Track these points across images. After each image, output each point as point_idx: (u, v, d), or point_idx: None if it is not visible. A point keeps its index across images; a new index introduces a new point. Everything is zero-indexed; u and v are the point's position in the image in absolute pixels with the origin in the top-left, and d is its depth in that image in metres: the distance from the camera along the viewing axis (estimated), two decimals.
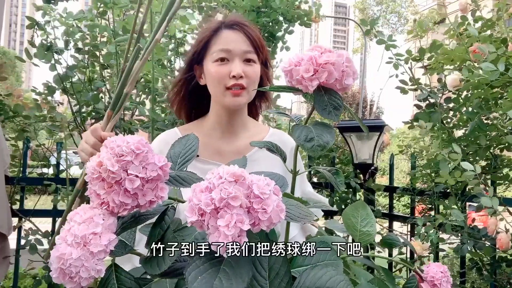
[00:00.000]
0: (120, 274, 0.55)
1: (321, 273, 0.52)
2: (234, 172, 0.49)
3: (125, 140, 0.53)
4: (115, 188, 0.52)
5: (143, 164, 0.53)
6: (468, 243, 1.69)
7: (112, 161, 0.51)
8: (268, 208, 0.47)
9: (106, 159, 0.52)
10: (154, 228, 0.57)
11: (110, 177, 0.51)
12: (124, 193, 0.52)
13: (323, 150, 0.61)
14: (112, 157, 0.52)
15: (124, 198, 0.52)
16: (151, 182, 0.53)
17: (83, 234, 0.51)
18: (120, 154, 0.52)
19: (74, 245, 0.51)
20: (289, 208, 0.56)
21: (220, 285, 0.46)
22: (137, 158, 0.52)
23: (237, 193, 0.47)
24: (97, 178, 0.52)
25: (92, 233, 0.51)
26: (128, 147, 0.52)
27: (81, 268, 0.50)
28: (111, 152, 0.52)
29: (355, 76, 0.64)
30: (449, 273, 0.68)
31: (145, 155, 0.53)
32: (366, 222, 0.71)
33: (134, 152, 0.52)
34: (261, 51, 1.07)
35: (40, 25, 2.03)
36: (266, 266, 0.52)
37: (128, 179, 0.51)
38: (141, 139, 0.54)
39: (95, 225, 0.52)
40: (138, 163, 0.52)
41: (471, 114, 1.67)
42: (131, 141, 0.53)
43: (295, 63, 0.63)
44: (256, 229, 0.48)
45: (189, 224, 0.48)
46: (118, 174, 0.51)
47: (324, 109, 0.62)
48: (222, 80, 1.02)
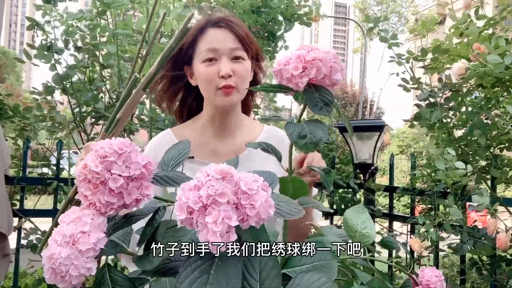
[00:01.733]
0: (114, 274, 0.56)
1: (313, 279, 0.53)
2: (222, 170, 0.50)
3: (109, 143, 0.55)
4: (100, 188, 0.54)
5: (126, 163, 0.55)
6: (467, 242, 1.69)
7: (95, 162, 0.54)
8: (256, 203, 0.48)
9: (90, 161, 0.54)
10: (146, 227, 0.59)
11: (94, 178, 0.53)
12: (109, 192, 0.54)
13: (316, 147, 0.62)
14: (96, 159, 0.54)
15: (109, 198, 0.54)
16: (135, 181, 0.55)
17: (71, 233, 0.52)
18: (103, 156, 0.54)
19: (63, 244, 0.52)
20: (279, 204, 0.56)
21: None
22: (120, 158, 0.54)
23: (224, 190, 0.47)
24: (83, 180, 0.54)
25: (80, 232, 0.53)
26: (111, 148, 0.54)
27: (70, 266, 0.51)
28: (95, 154, 0.55)
29: (343, 72, 0.65)
30: (443, 277, 0.69)
31: (128, 155, 0.55)
32: (366, 225, 0.72)
33: (116, 153, 0.54)
34: (249, 47, 1.05)
35: (40, 25, 2.03)
36: (257, 268, 0.52)
37: (112, 179, 0.53)
38: (124, 141, 0.56)
39: (83, 224, 0.54)
40: (121, 163, 0.54)
41: (471, 114, 1.67)
42: (114, 142, 0.55)
43: (284, 62, 0.64)
44: (245, 225, 0.48)
45: (179, 222, 0.49)
46: (102, 174, 0.53)
47: (315, 105, 0.64)
48: (212, 81, 1.01)
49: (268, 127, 1.18)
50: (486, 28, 1.74)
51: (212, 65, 1.01)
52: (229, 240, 0.47)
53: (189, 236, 0.59)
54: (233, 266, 0.49)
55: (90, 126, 2.21)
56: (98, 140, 0.86)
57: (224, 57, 1.01)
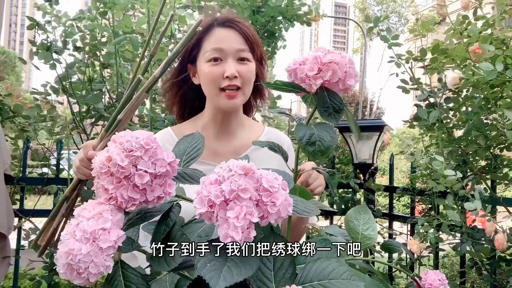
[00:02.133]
0: (127, 271, 0.55)
1: (324, 265, 0.53)
2: (244, 166, 0.50)
3: (134, 136, 0.53)
4: (124, 183, 0.52)
5: (152, 159, 0.53)
6: (467, 242, 1.69)
7: (121, 156, 0.51)
8: (277, 201, 0.48)
9: (115, 154, 0.52)
10: (159, 225, 0.57)
11: (119, 172, 0.51)
12: (133, 188, 0.52)
13: (323, 155, 0.62)
14: (122, 152, 0.52)
15: (132, 194, 0.52)
16: (159, 178, 0.53)
17: (93, 230, 0.51)
18: (129, 149, 0.52)
19: (83, 240, 0.50)
20: (295, 203, 0.57)
21: (229, 273, 0.46)
22: (147, 153, 0.52)
23: (247, 186, 0.48)
24: (105, 173, 0.52)
25: (101, 229, 0.51)
26: (137, 142, 0.52)
27: (90, 263, 0.49)
28: (120, 147, 0.52)
29: (356, 78, 0.65)
30: (447, 281, 0.69)
31: (154, 150, 0.53)
32: (368, 226, 0.72)
33: (143, 148, 0.52)
34: (255, 49, 1.04)
35: (40, 25, 2.03)
36: (271, 257, 0.53)
37: (138, 174, 0.52)
38: (150, 135, 0.54)
39: (104, 221, 0.52)
40: (148, 159, 0.52)
41: (470, 115, 1.67)
42: (141, 137, 0.53)
43: (300, 62, 0.64)
44: (264, 222, 0.49)
45: (198, 216, 0.49)
46: (128, 169, 0.51)
47: (325, 110, 0.64)
48: (216, 81, 1.00)
49: (269, 129, 1.17)
50: (485, 29, 1.74)
51: (217, 65, 1.00)
52: (249, 236, 0.47)
53: (196, 234, 0.60)
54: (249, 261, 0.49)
55: (90, 126, 2.21)
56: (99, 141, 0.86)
57: (230, 57, 1.00)
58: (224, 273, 0.46)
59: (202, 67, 1.02)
